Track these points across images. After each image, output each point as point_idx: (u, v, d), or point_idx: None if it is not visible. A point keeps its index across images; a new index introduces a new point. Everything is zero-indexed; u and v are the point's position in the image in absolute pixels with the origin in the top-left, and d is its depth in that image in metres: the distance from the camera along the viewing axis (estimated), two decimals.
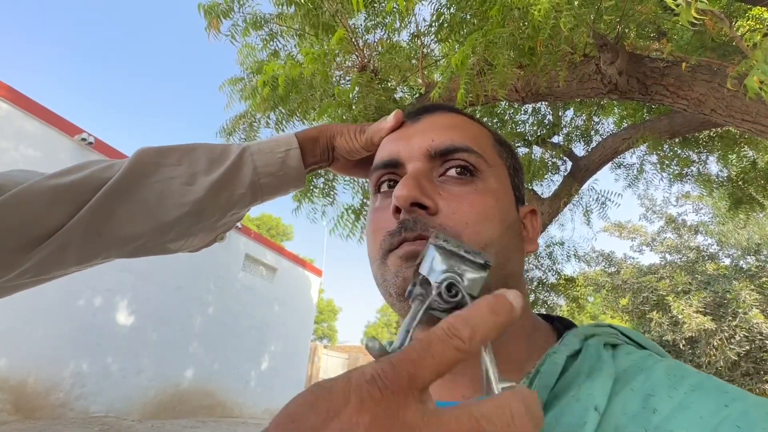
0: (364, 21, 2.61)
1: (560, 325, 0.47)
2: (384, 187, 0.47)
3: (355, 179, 2.86)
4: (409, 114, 0.52)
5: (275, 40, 2.75)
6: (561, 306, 5.40)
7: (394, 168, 0.46)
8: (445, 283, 0.30)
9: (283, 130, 2.75)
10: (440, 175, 0.44)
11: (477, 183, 0.43)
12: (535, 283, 5.03)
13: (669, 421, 0.30)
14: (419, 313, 0.29)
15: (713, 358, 6.95)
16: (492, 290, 0.40)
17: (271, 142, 0.58)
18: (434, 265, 0.31)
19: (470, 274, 0.31)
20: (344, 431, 0.17)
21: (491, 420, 0.19)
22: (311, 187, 2.66)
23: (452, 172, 0.44)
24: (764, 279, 7.36)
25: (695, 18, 1.15)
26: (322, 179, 2.68)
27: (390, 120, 0.52)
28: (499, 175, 0.46)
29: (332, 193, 2.74)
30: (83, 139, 7.21)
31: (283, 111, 2.55)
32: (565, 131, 4.50)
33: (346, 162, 0.61)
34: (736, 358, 6.86)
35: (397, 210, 0.41)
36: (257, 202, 0.58)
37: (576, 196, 4.23)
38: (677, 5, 1.02)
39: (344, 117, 2.52)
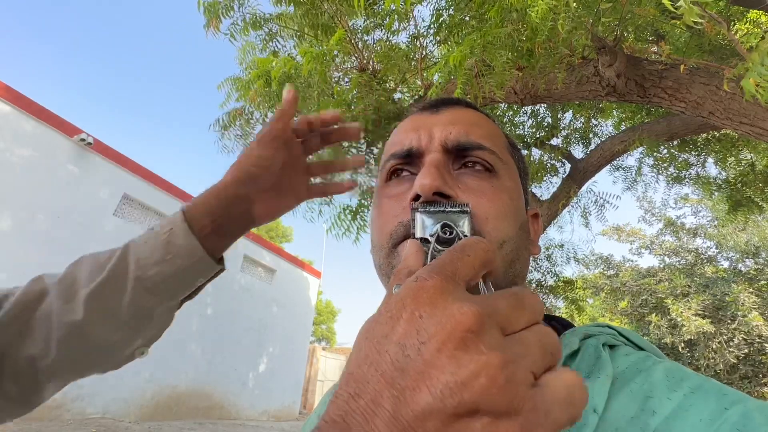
0: (364, 22, 2.61)
1: (558, 325, 0.47)
2: (395, 176, 0.47)
3: (354, 180, 2.84)
4: (427, 105, 0.51)
5: (275, 40, 2.74)
6: (560, 308, 5.40)
7: (410, 158, 0.45)
8: (439, 225, 0.34)
9: None
10: (457, 168, 0.44)
11: (493, 179, 0.43)
12: (534, 285, 5.03)
13: (668, 423, 0.30)
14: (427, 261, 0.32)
15: (712, 360, 6.95)
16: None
17: (159, 224, 0.50)
18: (425, 225, 0.36)
19: (458, 219, 0.36)
20: (410, 328, 0.19)
21: (527, 296, 0.23)
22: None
23: (469, 165, 0.44)
24: (763, 282, 7.36)
25: (695, 21, 1.15)
26: (318, 178, 2.67)
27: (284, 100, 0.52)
28: (513, 174, 0.47)
29: None
30: (82, 140, 7.20)
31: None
32: (563, 133, 4.51)
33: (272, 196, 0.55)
34: (735, 361, 6.86)
35: (415, 198, 0.40)
36: (168, 301, 0.49)
37: (575, 198, 4.24)
38: (678, 6, 1.02)
39: (344, 117, 2.51)
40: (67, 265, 0.50)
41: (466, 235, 0.35)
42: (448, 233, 0.34)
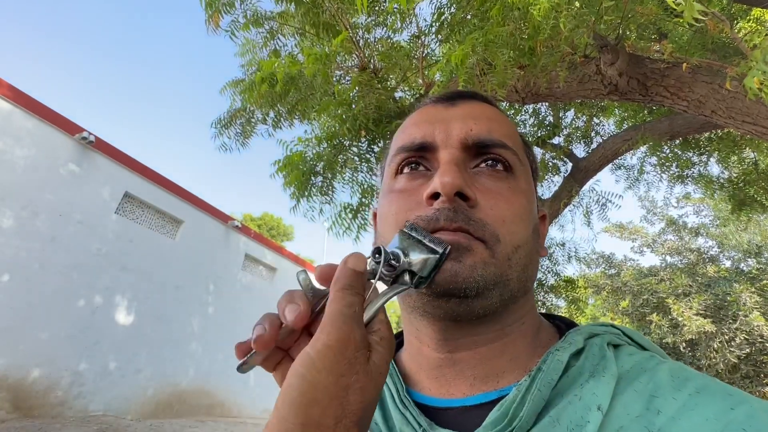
0: (365, 20, 2.61)
1: (563, 324, 0.46)
2: (407, 169, 0.44)
3: (355, 179, 2.85)
4: (442, 97, 0.48)
5: (276, 38, 2.74)
6: (561, 308, 5.39)
7: (423, 152, 0.43)
8: (380, 255, 0.34)
9: (280, 128, 2.75)
10: (474, 166, 0.43)
11: (510, 180, 0.42)
12: (535, 284, 5.02)
13: (673, 422, 0.30)
14: (375, 280, 0.34)
15: (713, 360, 6.93)
16: (515, 295, 0.40)
17: None
18: (391, 245, 0.37)
19: (416, 255, 0.35)
20: None
21: None
22: (309, 186, 2.65)
23: (487, 164, 0.42)
24: (765, 282, 7.34)
25: (696, 18, 1.14)
26: (320, 177, 2.68)
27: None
28: (528, 176, 0.45)
29: (330, 191, 2.73)
30: (84, 138, 7.21)
31: (281, 109, 2.55)
32: (565, 132, 4.50)
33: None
34: (736, 361, 6.84)
35: (433, 197, 0.39)
36: None
37: (576, 197, 4.23)
38: (678, 4, 1.01)
39: (344, 116, 2.52)
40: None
41: (411, 271, 0.35)
42: (393, 266, 0.35)
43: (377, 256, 0.34)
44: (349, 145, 2.66)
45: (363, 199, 2.74)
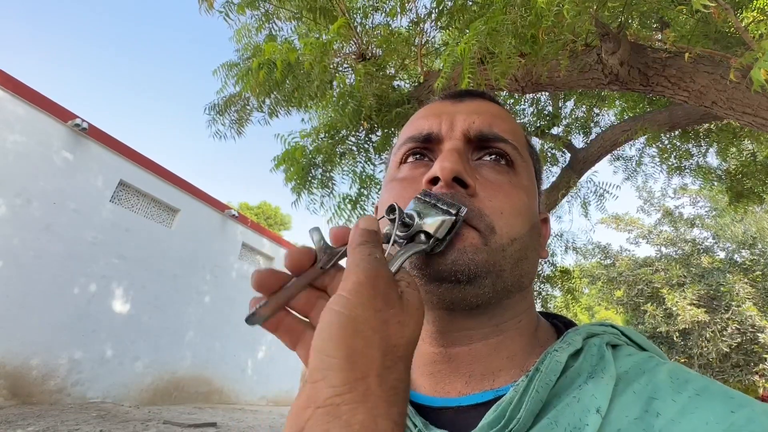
0: (363, 3, 2.55)
1: (561, 324, 0.46)
2: (411, 159, 0.46)
3: (354, 170, 2.83)
4: (449, 94, 0.50)
5: (271, 21, 2.68)
6: (556, 297, 5.43)
7: (428, 143, 0.45)
8: (395, 213, 0.34)
9: (277, 116, 2.71)
10: (476, 159, 0.43)
11: (511, 175, 0.43)
12: (532, 283, 5.04)
13: (673, 425, 0.29)
14: (389, 244, 0.34)
15: (705, 349, 7.05)
16: (508, 288, 0.40)
17: None
18: (407, 209, 0.37)
19: (432, 218, 0.35)
20: None
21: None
22: (310, 178, 2.63)
23: (488, 158, 0.43)
24: (758, 272, 7.43)
25: (704, 5, 1.12)
26: (320, 169, 2.66)
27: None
28: (530, 174, 0.46)
29: (330, 183, 2.71)
30: (77, 125, 7.11)
31: (278, 96, 2.51)
32: (564, 123, 4.47)
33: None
34: (728, 350, 6.96)
35: (432, 182, 0.40)
36: None
37: (574, 187, 4.22)
38: None
39: (345, 105, 2.48)
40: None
41: (427, 232, 0.35)
42: (409, 222, 0.35)
43: (391, 214, 0.34)
44: (347, 135, 2.63)
45: (362, 190, 2.72)
